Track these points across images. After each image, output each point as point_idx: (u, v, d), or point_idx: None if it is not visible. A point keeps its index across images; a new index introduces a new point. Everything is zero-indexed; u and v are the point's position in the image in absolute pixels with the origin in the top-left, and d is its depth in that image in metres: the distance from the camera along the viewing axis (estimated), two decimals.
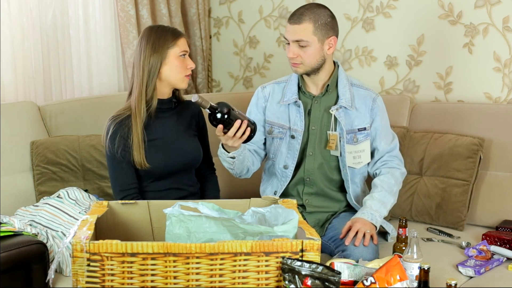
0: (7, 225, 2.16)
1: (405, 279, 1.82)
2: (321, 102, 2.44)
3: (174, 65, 2.31)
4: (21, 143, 2.62)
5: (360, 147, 2.43)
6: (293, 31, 2.34)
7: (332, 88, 2.44)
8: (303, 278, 1.70)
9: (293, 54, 2.35)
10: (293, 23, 2.34)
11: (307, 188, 2.47)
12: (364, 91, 2.47)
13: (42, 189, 2.59)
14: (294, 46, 2.34)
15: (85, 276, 1.69)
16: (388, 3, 3.19)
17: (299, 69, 2.39)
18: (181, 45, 2.32)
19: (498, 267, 2.28)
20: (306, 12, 2.34)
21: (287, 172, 2.46)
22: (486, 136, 2.73)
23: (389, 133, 2.51)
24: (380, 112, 2.47)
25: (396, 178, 2.44)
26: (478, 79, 2.99)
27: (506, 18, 2.88)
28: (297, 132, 2.43)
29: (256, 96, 2.55)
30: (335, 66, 2.47)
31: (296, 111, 2.44)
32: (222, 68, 3.81)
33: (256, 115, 2.52)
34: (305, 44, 2.33)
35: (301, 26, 2.32)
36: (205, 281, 1.72)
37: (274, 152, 2.49)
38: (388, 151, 2.48)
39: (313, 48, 2.34)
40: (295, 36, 2.33)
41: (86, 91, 3.15)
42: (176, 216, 1.76)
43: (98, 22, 3.15)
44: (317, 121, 2.44)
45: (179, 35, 2.34)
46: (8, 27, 2.79)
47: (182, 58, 2.32)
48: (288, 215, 1.87)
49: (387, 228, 2.44)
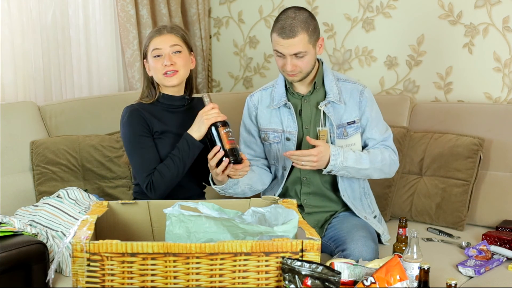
0: (7, 225, 2.16)
1: (405, 279, 1.82)
2: (310, 100, 2.43)
3: (151, 66, 2.35)
4: (21, 143, 2.62)
5: (351, 140, 2.42)
6: (288, 45, 2.29)
7: (319, 85, 2.43)
8: (303, 278, 1.70)
9: (293, 67, 2.31)
10: (287, 37, 2.27)
11: (305, 188, 2.46)
12: (351, 85, 2.45)
13: (42, 189, 2.59)
14: (292, 59, 2.31)
15: (85, 276, 1.69)
16: (388, 3, 3.19)
17: (296, 78, 2.36)
18: (152, 45, 2.34)
19: (498, 267, 2.28)
20: (295, 22, 2.28)
21: (284, 174, 2.47)
22: (486, 136, 2.73)
23: (382, 124, 2.48)
24: (369, 103, 2.44)
25: (384, 157, 2.39)
26: (478, 79, 2.99)
27: (506, 18, 2.88)
28: (291, 134, 2.43)
29: (247, 106, 2.54)
30: (319, 63, 2.46)
31: (287, 113, 2.44)
32: (222, 68, 3.82)
33: (251, 126, 2.52)
34: (303, 55, 2.31)
35: (296, 39, 2.28)
36: (205, 281, 1.72)
37: (275, 157, 2.49)
38: (382, 140, 2.44)
39: (310, 55, 2.33)
40: (293, 50, 2.29)
41: (86, 91, 3.15)
42: (176, 216, 1.76)
43: (98, 22, 3.15)
44: (309, 120, 2.43)
45: (154, 35, 2.36)
46: (8, 27, 2.79)
47: (155, 59, 2.33)
48: (288, 215, 1.87)
49: (378, 230, 2.42)
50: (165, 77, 2.33)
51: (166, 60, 2.31)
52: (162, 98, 2.39)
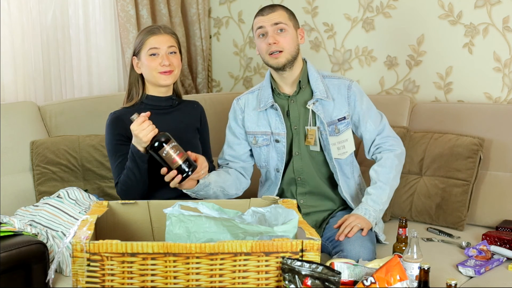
0: (7, 225, 2.16)
1: (405, 279, 1.82)
2: (297, 100, 2.43)
3: (145, 64, 2.37)
4: (21, 143, 2.63)
5: (343, 137, 2.42)
6: (269, 18, 2.38)
7: (305, 84, 2.44)
8: (303, 278, 1.70)
9: (274, 40, 2.35)
10: (267, 13, 2.39)
11: (300, 188, 2.46)
12: (337, 80, 2.46)
13: (42, 189, 2.59)
14: (274, 33, 2.36)
15: (85, 276, 1.69)
16: (388, 3, 3.19)
17: (281, 59, 2.36)
18: (148, 44, 2.35)
19: (498, 267, 2.28)
20: (275, 4, 2.43)
21: (278, 176, 2.47)
22: (486, 136, 2.73)
23: (375, 114, 2.46)
24: (358, 97, 2.43)
25: (392, 162, 2.39)
26: (478, 79, 2.99)
27: (506, 18, 2.88)
28: (280, 136, 2.42)
29: (233, 109, 2.55)
30: (303, 62, 2.47)
31: (275, 115, 2.43)
32: (222, 68, 3.82)
33: (236, 129, 2.52)
34: (284, 27, 2.36)
35: (276, 13, 2.38)
36: (205, 281, 1.72)
37: (266, 160, 2.48)
38: (379, 133, 2.44)
39: (291, 34, 2.38)
40: (274, 20, 2.36)
41: (86, 91, 3.16)
42: (176, 216, 1.76)
43: (98, 22, 3.15)
44: (297, 120, 2.43)
45: (150, 34, 2.37)
46: (8, 27, 2.79)
47: (151, 57, 2.35)
48: (288, 215, 1.87)
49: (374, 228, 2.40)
50: (161, 75, 2.35)
51: (164, 59, 2.34)
52: (147, 99, 2.41)
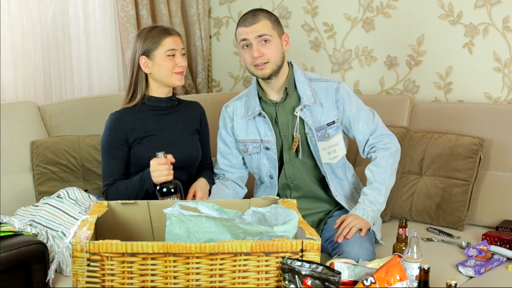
0: (7, 225, 2.16)
1: (405, 279, 1.82)
2: (285, 106, 2.41)
3: (161, 64, 2.37)
4: (21, 143, 2.62)
5: (333, 141, 2.40)
6: (253, 30, 2.33)
7: (292, 90, 2.41)
8: (303, 278, 1.70)
9: (259, 53, 2.32)
10: (250, 24, 2.33)
11: (294, 193, 2.46)
12: (325, 83, 2.42)
13: (42, 189, 2.59)
14: (258, 45, 2.33)
15: (85, 276, 1.69)
16: (388, 3, 3.19)
17: (266, 70, 2.35)
18: (166, 45, 2.36)
19: (498, 267, 2.28)
20: (258, 12, 2.36)
21: (273, 182, 2.46)
22: (486, 136, 2.73)
23: (366, 114, 2.43)
24: (346, 100, 2.40)
25: (387, 161, 2.37)
26: (478, 79, 2.99)
27: (506, 18, 2.88)
28: (270, 143, 2.42)
29: (222, 117, 2.54)
30: (289, 66, 2.45)
31: (263, 123, 2.42)
32: (222, 68, 3.82)
33: (226, 137, 2.52)
34: (268, 38, 2.33)
35: (259, 24, 2.33)
36: (205, 281, 1.72)
37: (258, 167, 2.48)
38: (372, 133, 2.42)
39: (275, 43, 2.34)
40: (257, 32, 2.32)
41: (86, 91, 3.16)
42: (176, 216, 1.76)
43: (98, 22, 3.15)
44: (286, 126, 2.41)
45: (165, 35, 2.38)
46: (8, 27, 2.79)
47: (169, 58, 2.37)
48: (288, 215, 1.86)
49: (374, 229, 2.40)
50: (176, 75, 2.38)
51: (182, 61, 2.38)
52: (148, 100, 2.42)
